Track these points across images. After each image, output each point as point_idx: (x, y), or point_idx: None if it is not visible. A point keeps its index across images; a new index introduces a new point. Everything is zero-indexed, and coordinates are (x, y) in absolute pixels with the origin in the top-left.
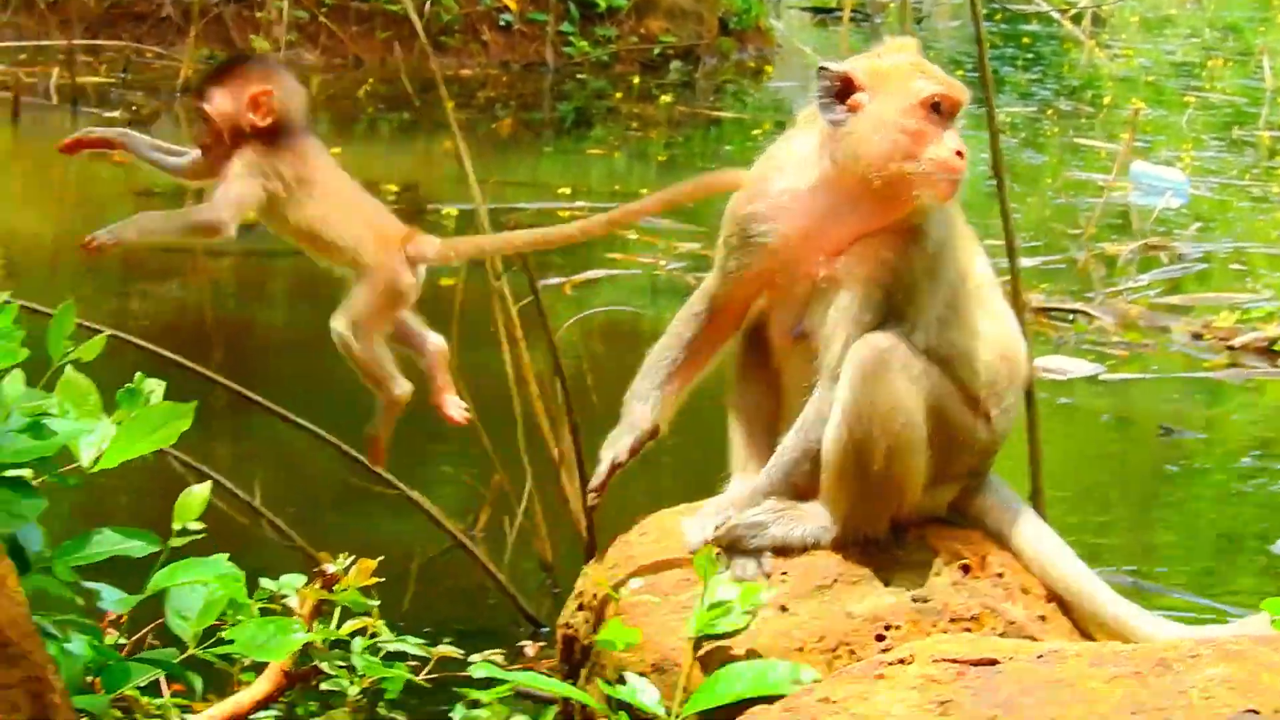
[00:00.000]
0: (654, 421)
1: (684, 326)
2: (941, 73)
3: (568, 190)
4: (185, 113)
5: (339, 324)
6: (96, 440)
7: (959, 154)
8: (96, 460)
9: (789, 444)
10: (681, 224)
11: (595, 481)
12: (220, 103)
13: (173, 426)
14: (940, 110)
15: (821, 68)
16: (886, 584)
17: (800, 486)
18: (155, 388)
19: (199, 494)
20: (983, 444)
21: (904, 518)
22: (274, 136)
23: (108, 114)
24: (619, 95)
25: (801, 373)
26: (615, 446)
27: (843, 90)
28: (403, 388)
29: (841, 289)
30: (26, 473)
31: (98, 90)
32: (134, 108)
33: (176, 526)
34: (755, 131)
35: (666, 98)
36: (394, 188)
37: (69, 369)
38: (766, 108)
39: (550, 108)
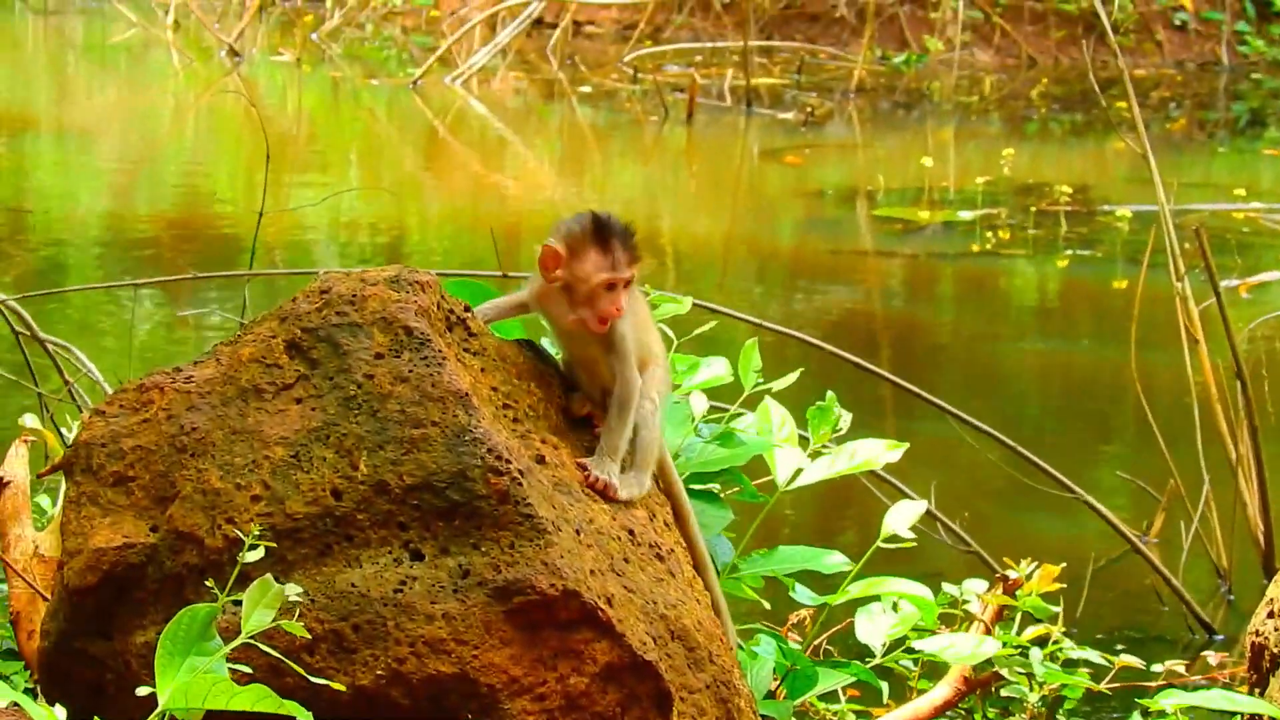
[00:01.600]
0: None
1: None
2: None
3: (1242, 191)
4: (858, 113)
5: (654, 394)
6: (793, 463)
7: None
8: (791, 480)
9: None
10: None
11: None
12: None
13: (875, 460)
14: None
15: None
16: None
17: None
18: (844, 415)
19: (910, 512)
20: None
21: None
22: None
23: (781, 114)
24: None
25: None
26: None
27: None
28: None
29: None
30: (715, 486)
31: (771, 91)
32: (808, 109)
33: (884, 534)
34: None
35: None
36: (1066, 189)
37: (768, 399)
38: None
39: (1224, 107)
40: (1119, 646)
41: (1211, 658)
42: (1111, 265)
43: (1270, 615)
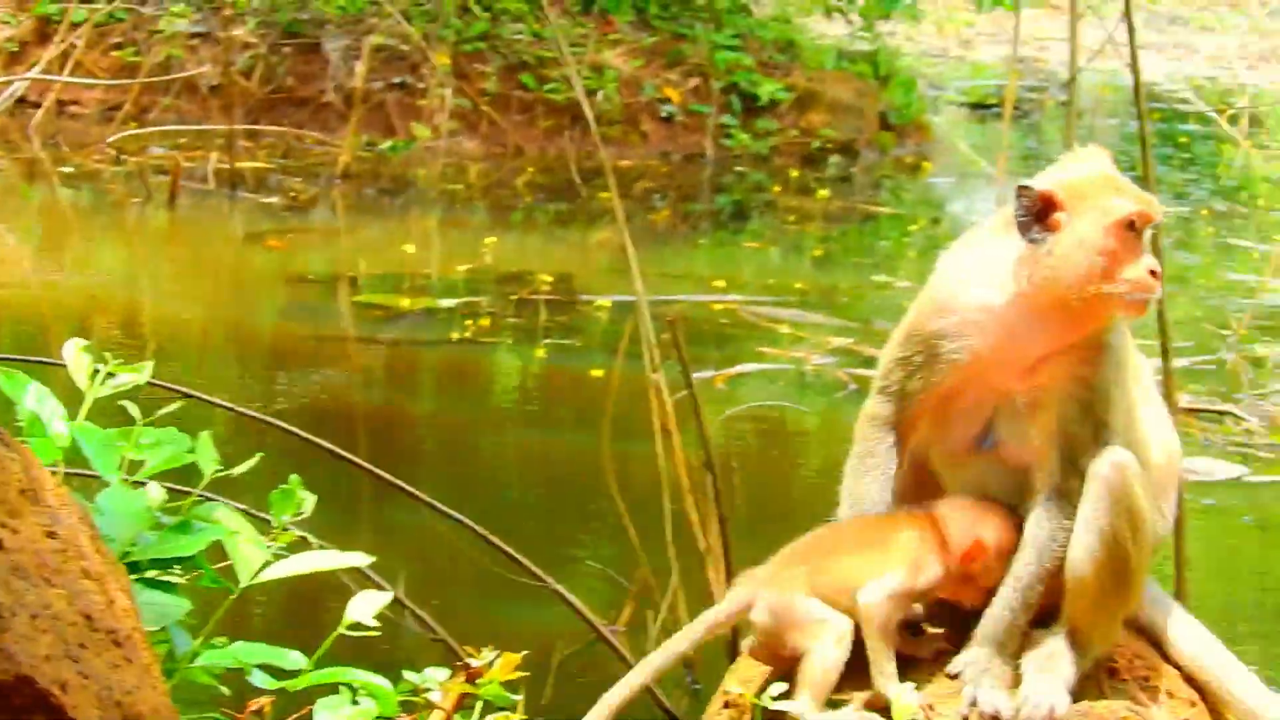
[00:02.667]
0: None
1: (885, 462)
2: (1135, 186)
3: (723, 283)
4: (343, 199)
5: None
6: (256, 559)
7: (1153, 273)
8: (254, 575)
9: (1024, 570)
10: (830, 318)
11: None
12: None
13: (342, 564)
14: (1135, 228)
15: (1022, 187)
16: None
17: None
18: (308, 498)
19: (373, 602)
20: (1156, 542)
21: None
22: None
23: (265, 199)
24: (777, 188)
25: (991, 483)
26: None
27: (1043, 209)
28: None
29: (1037, 404)
30: (174, 576)
31: (256, 175)
32: (293, 194)
33: (346, 622)
34: (911, 227)
35: (824, 191)
36: (548, 278)
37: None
38: (922, 203)
39: (708, 200)
40: None
41: None
42: (590, 354)
43: (726, 705)
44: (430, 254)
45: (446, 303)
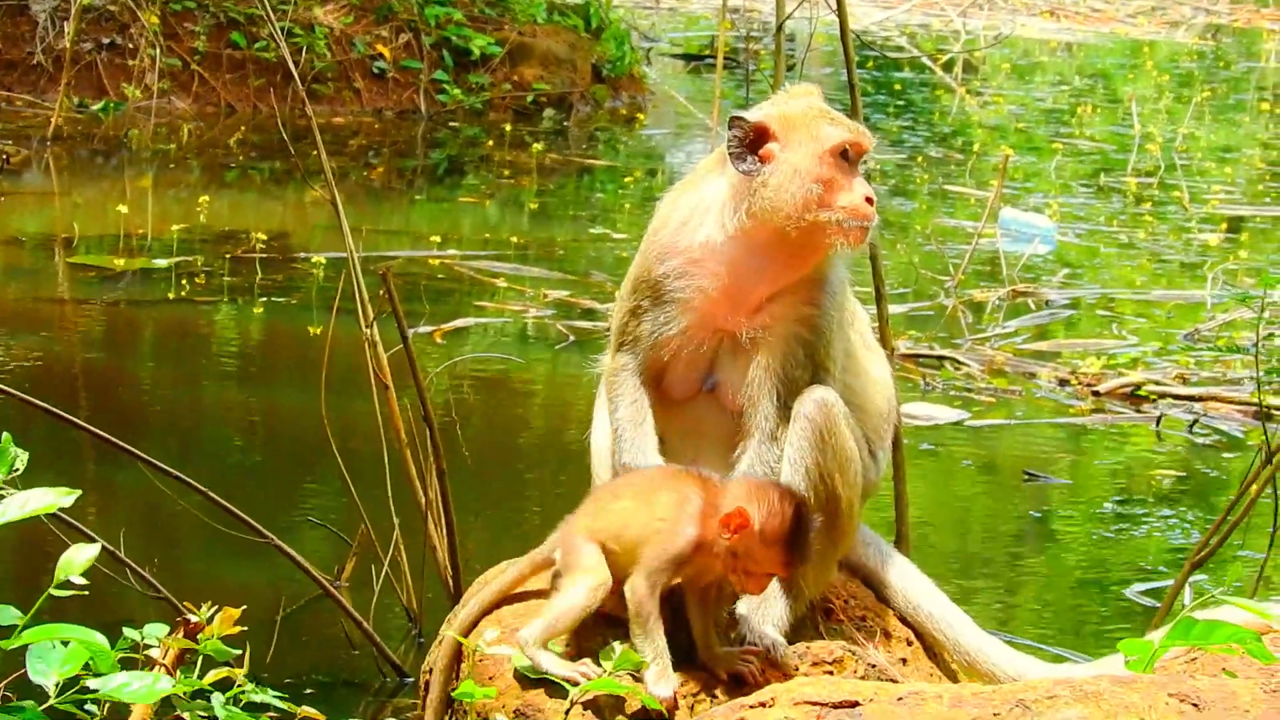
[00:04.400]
0: None
1: (644, 406)
2: (846, 118)
3: (438, 239)
4: (55, 161)
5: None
6: None
7: (868, 200)
8: None
9: None
10: (549, 271)
11: None
12: None
13: (47, 506)
14: (848, 157)
15: (735, 117)
16: None
17: None
18: (20, 454)
19: (85, 554)
20: (870, 485)
21: None
22: None
23: None
24: (491, 143)
25: (709, 425)
26: None
27: (755, 140)
28: None
29: (760, 343)
30: None
31: None
32: (4, 155)
33: (58, 579)
34: (627, 179)
35: (538, 145)
36: (263, 236)
37: None
38: (638, 155)
39: (423, 155)
40: (308, 690)
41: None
42: (307, 311)
43: None
44: (145, 214)
45: (162, 262)
